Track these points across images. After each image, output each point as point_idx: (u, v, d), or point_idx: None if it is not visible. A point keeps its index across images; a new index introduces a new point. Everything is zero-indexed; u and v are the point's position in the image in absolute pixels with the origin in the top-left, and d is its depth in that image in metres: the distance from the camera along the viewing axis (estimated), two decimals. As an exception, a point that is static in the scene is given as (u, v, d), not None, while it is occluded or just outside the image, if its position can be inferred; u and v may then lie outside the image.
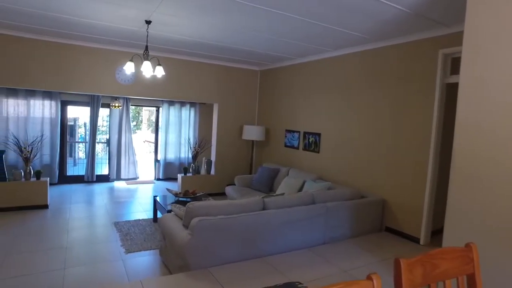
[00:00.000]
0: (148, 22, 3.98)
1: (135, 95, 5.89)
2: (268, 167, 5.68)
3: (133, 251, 3.70)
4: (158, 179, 7.80)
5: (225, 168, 6.73)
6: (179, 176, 6.30)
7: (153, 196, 4.85)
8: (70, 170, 7.29)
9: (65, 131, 6.89)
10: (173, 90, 6.13)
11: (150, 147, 11.08)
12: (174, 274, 2.97)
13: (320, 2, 3.10)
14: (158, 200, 4.63)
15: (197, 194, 4.64)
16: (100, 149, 7.96)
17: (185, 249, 2.81)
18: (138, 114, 15.03)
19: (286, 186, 4.89)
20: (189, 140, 7.72)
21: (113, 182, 7.28)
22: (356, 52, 4.74)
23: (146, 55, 4.07)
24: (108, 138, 7.34)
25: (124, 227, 4.42)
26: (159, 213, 4.70)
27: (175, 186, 7.02)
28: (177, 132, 7.75)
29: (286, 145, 6.13)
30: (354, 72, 4.79)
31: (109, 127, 7.23)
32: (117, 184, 7.15)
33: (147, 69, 3.99)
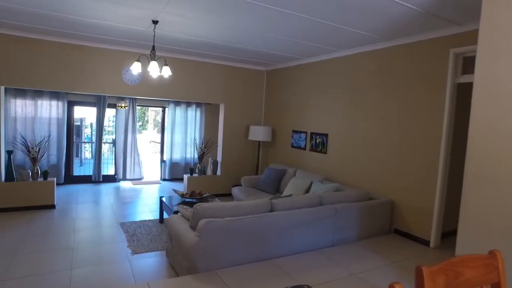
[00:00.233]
0: (155, 22, 3.96)
1: (141, 95, 5.89)
2: (274, 168, 5.64)
3: (140, 252, 3.69)
4: (164, 179, 7.79)
5: (231, 169, 6.70)
6: (185, 177, 6.28)
7: (159, 196, 4.83)
8: (77, 170, 7.31)
9: (72, 131, 6.92)
10: (179, 90, 6.11)
11: (156, 148, 11.10)
12: (181, 276, 2.94)
13: (330, 2, 3.05)
14: (164, 201, 4.61)
15: (204, 195, 4.62)
16: (106, 149, 7.98)
17: (192, 251, 2.78)
18: (144, 114, 15.08)
19: (293, 187, 4.85)
20: (195, 140, 7.70)
21: (119, 182, 7.29)
22: (364, 52, 4.68)
23: (153, 55, 4.05)
24: (114, 138, 7.35)
25: (131, 228, 4.40)
26: (165, 213, 4.68)
27: (181, 187, 7.00)
28: (183, 132, 7.74)
29: (292, 146, 6.09)
30: (363, 72, 4.73)
31: (115, 127, 7.25)
32: (123, 184, 7.16)
33: (154, 69, 3.97)
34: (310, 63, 5.73)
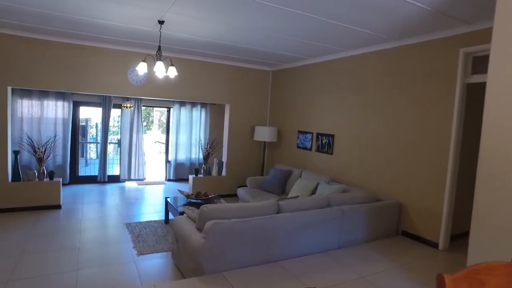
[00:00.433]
0: (161, 22, 3.94)
1: (147, 95, 5.88)
2: (280, 169, 5.60)
3: (145, 253, 3.67)
4: (169, 179, 7.79)
5: (237, 170, 6.67)
6: (190, 177, 6.26)
7: (165, 197, 4.81)
8: (82, 171, 7.33)
9: (77, 131, 6.93)
10: (185, 90, 6.10)
11: (160, 148, 11.11)
12: (187, 278, 2.91)
13: (340, 2, 3.02)
14: (169, 202, 4.60)
15: (209, 196, 4.60)
16: (111, 150, 8.00)
17: (199, 253, 2.75)
18: (148, 114, 15.11)
19: (299, 188, 4.81)
20: (199, 141, 7.69)
21: (124, 182, 7.30)
22: (372, 52, 4.63)
23: (159, 55, 4.04)
24: (119, 138, 7.36)
25: (136, 229, 4.39)
26: (170, 214, 4.67)
27: (186, 187, 6.99)
28: (188, 132, 7.73)
29: (298, 146, 6.04)
30: (370, 72, 4.68)
31: (121, 127, 7.25)
32: (128, 185, 7.16)
33: (160, 69, 3.95)
34: (316, 63, 5.68)
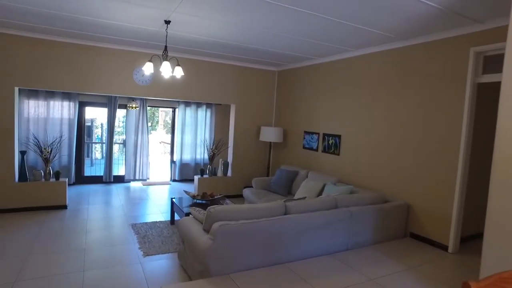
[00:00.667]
0: (168, 22, 3.93)
1: (152, 96, 5.87)
2: (286, 169, 5.56)
3: (151, 254, 3.65)
4: (174, 180, 7.78)
5: (242, 170, 6.65)
6: (195, 178, 6.24)
7: (171, 198, 4.80)
8: (87, 171, 7.34)
9: (83, 131, 6.94)
10: (190, 91, 6.08)
11: (165, 148, 11.12)
12: (194, 280, 2.89)
13: (349, 1, 2.99)
14: (175, 202, 4.58)
15: (215, 197, 4.57)
16: (116, 150, 8.01)
17: (206, 255, 2.73)
18: (153, 115, 15.14)
19: (305, 189, 4.76)
20: (205, 141, 7.68)
21: (129, 182, 7.30)
22: (379, 52, 4.57)
23: (165, 55, 4.02)
24: (124, 139, 7.36)
25: (142, 229, 4.38)
26: (176, 215, 4.65)
27: (191, 188, 6.98)
28: (193, 133, 7.72)
29: (304, 147, 6.00)
30: (377, 72, 4.62)
31: (126, 128, 7.25)
32: (133, 185, 7.16)
33: (166, 69, 3.93)
34: (322, 63, 5.64)
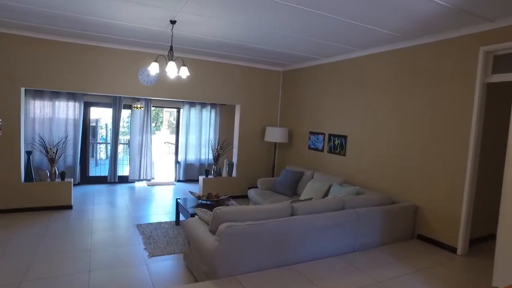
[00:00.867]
0: (173, 22, 3.91)
1: (157, 96, 5.86)
2: (291, 170, 5.53)
3: (157, 255, 3.64)
4: (178, 180, 7.77)
5: (247, 171, 6.62)
6: (200, 178, 6.23)
7: (176, 198, 4.78)
8: (92, 171, 7.35)
9: (88, 132, 6.95)
10: (195, 91, 6.07)
11: (170, 148, 11.12)
12: (200, 281, 2.86)
13: (357, 1, 2.96)
14: (180, 203, 4.56)
15: (220, 197, 4.55)
16: (120, 150, 8.01)
17: (212, 256, 2.70)
18: (157, 115, 15.14)
19: (311, 190, 4.73)
20: (209, 141, 7.66)
21: (134, 183, 7.30)
22: (386, 51, 4.53)
23: (170, 55, 4.01)
24: (129, 139, 7.37)
25: (147, 230, 4.37)
26: (181, 215, 4.63)
27: (196, 188, 6.97)
28: (198, 133, 7.71)
29: (310, 148, 5.96)
30: (384, 72, 4.58)
31: (131, 128, 7.26)
32: (138, 185, 7.16)
33: (172, 69, 3.92)
34: (328, 63, 5.60)
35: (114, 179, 7.07)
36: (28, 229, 4.21)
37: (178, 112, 7.86)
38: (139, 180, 7.35)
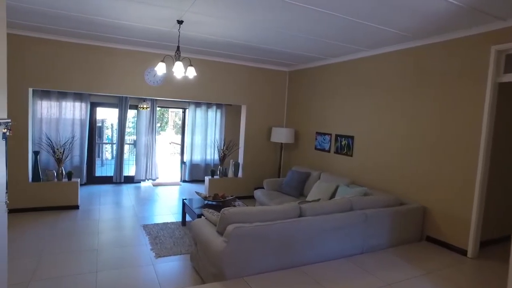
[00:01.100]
0: (180, 22, 3.90)
1: (163, 96, 5.86)
2: (298, 171, 5.49)
3: (163, 256, 3.62)
4: (184, 181, 7.77)
5: (253, 171, 6.60)
6: (206, 179, 6.22)
7: (182, 199, 4.77)
8: (98, 171, 7.37)
9: (94, 132, 6.98)
10: (202, 91, 6.06)
11: (175, 149, 11.13)
12: (208, 283, 2.84)
13: (370, 0, 2.93)
14: (187, 204, 4.55)
15: (227, 198, 4.53)
16: (126, 150, 8.03)
17: (220, 257, 2.68)
18: (162, 115, 15.17)
19: (318, 191, 4.69)
20: (215, 142, 7.65)
21: (140, 183, 7.31)
22: (394, 51, 4.48)
23: (177, 55, 4.00)
24: (135, 139, 7.38)
25: (153, 230, 4.36)
26: (187, 216, 4.62)
27: (201, 188, 6.96)
28: (203, 133, 7.70)
29: (316, 148, 5.92)
30: (392, 72, 4.53)
31: (137, 128, 7.27)
32: (144, 186, 7.17)
33: (179, 69, 3.91)
34: (335, 63, 5.56)
35: (120, 179, 7.08)
36: (36, 229, 4.22)
37: (184, 112, 7.87)
38: (145, 180, 7.36)
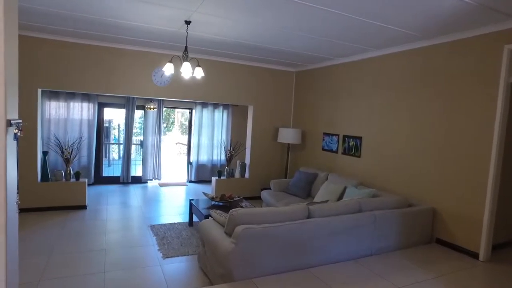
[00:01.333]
0: (188, 23, 3.90)
1: (170, 97, 5.87)
2: (305, 172, 5.46)
3: (171, 256, 3.62)
4: (190, 181, 7.78)
5: (260, 172, 6.57)
6: (213, 179, 6.21)
7: (189, 199, 4.77)
8: (105, 171, 7.41)
9: (102, 132, 7.01)
10: (208, 91, 6.06)
11: (182, 149, 11.15)
12: (216, 284, 2.83)
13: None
14: (194, 204, 4.54)
15: (234, 199, 4.52)
16: (132, 151, 8.06)
17: (228, 258, 2.66)
18: (168, 115, 15.21)
19: (325, 192, 4.65)
20: (221, 142, 7.64)
21: (146, 183, 7.33)
22: (402, 51, 4.42)
23: (185, 56, 3.99)
24: (142, 139, 7.40)
25: (160, 231, 4.36)
26: (194, 216, 4.61)
27: (208, 189, 6.96)
28: (210, 134, 7.70)
29: (323, 149, 5.88)
30: (400, 72, 4.47)
31: (144, 129, 7.30)
32: (150, 186, 7.19)
33: (186, 70, 3.90)
34: (342, 63, 5.51)
35: (127, 179, 7.11)
36: (45, 229, 4.25)
37: (191, 112, 7.88)
38: (152, 180, 7.38)
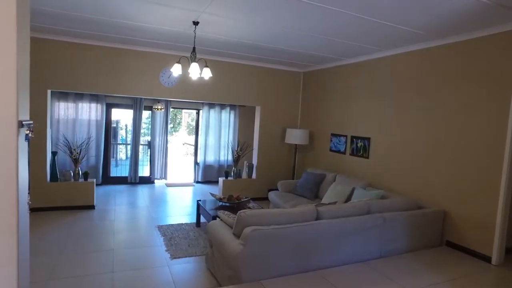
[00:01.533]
0: (196, 23, 3.90)
1: (178, 97, 5.88)
2: (313, 172, 5.42)
3: (178, 257, 3.62)
4: (197, 181, 7.79)
5: (267, 172, 6.55)
6: (220, 180, 6.21)
7: (197, 200, 4.77)
8: (113, 171, 7.46)
9: (110, 133, 7.06)
10: (216, 92, 6.06)
11: (189, 150, 11.18)
12: (224, 285, 2.82)
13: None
14: (201, 205, 4.54)
15: (241, 199, 4.51)
16: (140, 151, 8.10)
17: (237, 260, 2.65)
18: (175, 116, 15.27)
19: (333, 194, 4.61)
20: (229, 143, 7.64)
21: (154, 183, 7.36)
22: (411, 52, 4.37)
23: (193, 56, 3.99)
24: (149, 140, 7.44)
25: (168, 231, 4.37)
26: (202, 217, 4.61)
27: (215, 189, 6.96)
28: (217, 135, 7.71)
29: (331, 150, 5.84)
30: (410, 73, 4.42)
31: (151, 129, 7.33)
32: (158, 186, 7.22)
33: (194, 71, 3.90)
34: (349, 64, 5.47)
35: (135, 180, 7.15)
36: (54, 228, 4.29)
37: (198, 113, 7.89)
38: (159, 180, 7.41)
